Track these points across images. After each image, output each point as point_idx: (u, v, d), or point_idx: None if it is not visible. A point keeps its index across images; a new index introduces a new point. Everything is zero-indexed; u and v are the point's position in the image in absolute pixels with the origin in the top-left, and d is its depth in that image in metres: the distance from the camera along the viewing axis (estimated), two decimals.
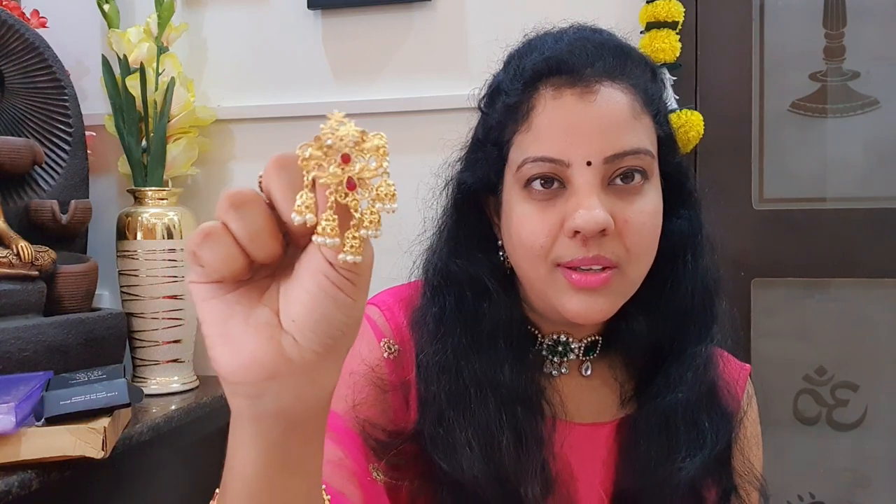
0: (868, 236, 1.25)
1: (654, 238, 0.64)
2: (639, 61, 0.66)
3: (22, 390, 0.89)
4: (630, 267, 0.63)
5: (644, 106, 0.63)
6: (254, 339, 0.38)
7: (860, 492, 1.30)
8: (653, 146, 0.64)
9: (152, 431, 1.10)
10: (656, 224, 0.64)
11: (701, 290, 0.69)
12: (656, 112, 0.65)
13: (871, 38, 1.28)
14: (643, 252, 0.63)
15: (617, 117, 0.62)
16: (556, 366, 0.72)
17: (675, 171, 0.67)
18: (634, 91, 0.63)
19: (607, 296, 0.63)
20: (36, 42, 1.27)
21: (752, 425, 0.77)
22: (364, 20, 1.39)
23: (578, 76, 0.63)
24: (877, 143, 1.28)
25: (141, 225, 1.30)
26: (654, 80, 0.67)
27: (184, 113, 1.37)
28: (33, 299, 1.13)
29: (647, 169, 0.63)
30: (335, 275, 0.36)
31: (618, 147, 0.61)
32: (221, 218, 0.37)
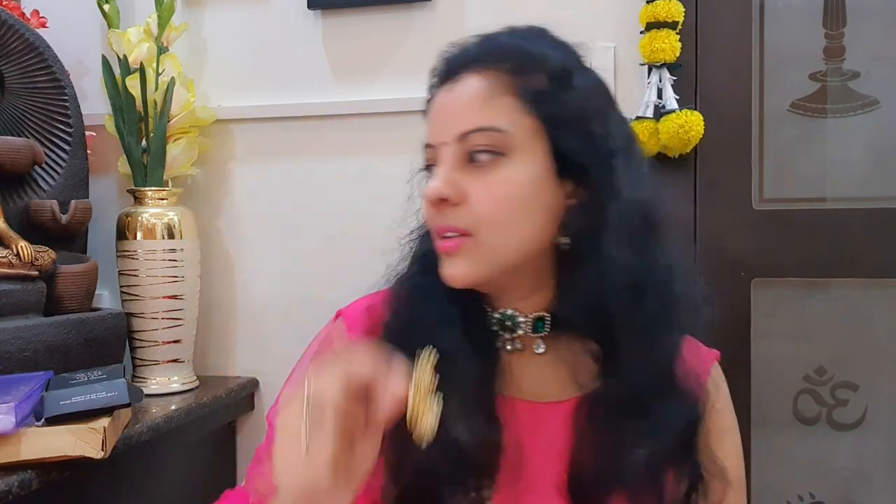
0: (868, 236, 1.25)
1: (508, 209, 0.68)
2: (523, 55, 0.71)
3: (22, 390, 0.89)
4: (483, 235, 0.68)
5: (508, 88, 0.68)
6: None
7: (860, 492, 1.30)
8: (510, 125, 0.68)
9: (152, 431, 1.10)
10: (509, 197, 0.67)
11: (652, 273, 0.69)
12: (533, 96, 0.68)
13: (871, 38, 1.28)
14: (494, 222, 0.68)
15: (470, 100, 0.69)
16: (507, 341, 0.75)
17: (573, 150, 0.69)
18: (497, 76, 0.69)
19: (464, 260, 0.69)
20: (36, 42, 1.27)
21: (719, 415, 0.76)
22: (364, 20, 1.39)
23: (451, 72, 0.72)
24: (877, 143, 1.28)
25: (141, 225, 1.30)
26: (538, 69, 0.70)
27: (184, 113, 1.37)
28: (33, 299, 1.13)
29: (497, 146, 0.68)
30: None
31: (468, 125, 0.68)
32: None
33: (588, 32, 1.29)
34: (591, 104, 0.71)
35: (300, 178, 1.42)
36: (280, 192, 1.44)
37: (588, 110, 0.70)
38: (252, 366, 1.45)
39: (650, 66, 1.24)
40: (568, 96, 0.69)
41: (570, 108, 0.69)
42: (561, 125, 0.69)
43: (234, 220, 1.47)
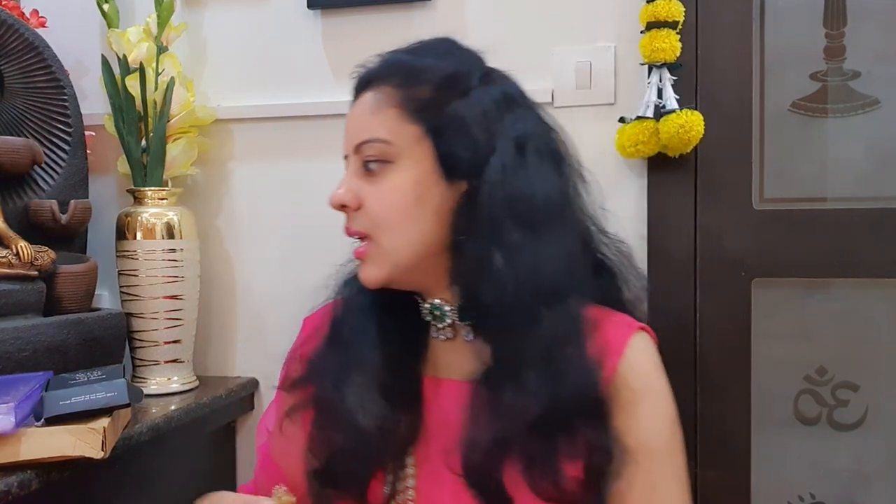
0: (868, 236, 1.25)
1: (396, 212, 0.74)
2: (409, 69, 0.76)
3: (22, 390, 0.89)
4: (381, 237, 0.75)
5: (393, 101, 0.75)
6: None
7: (860, 492, 1.30)
8: (393, 135, 0.74)
9: (152, 431, 1.10)
10: (396, 201, 0.74)
11: (527, 260, 0.72)
12: (416, 105, 0.74)
13: (871, 38, 1.27)
14: (387, 224, 0.75)
15: (362, 114, 0.77)
16: (440, 330, 0.81)
17: (454, 153, 0.74)
18: (385, 90, 0.76)
19: (370, 263, 0.77)
20: (36, 42, 1.27)
21: (633, 384, 0.76)
22: (364, 20, 1.39)
23: (356, 90, 0.80)
24: (877, 143, 1.28)
25: (141, 225, 1.30)
26: (422, 81, 0.75)
27: (183, 113, 1.37)
28: (33, 299, 1.13)
29: (381, 155, 0.75)
30: None
31: (359, 138, 0.76)
32: None
33: (588, 32, 1.31)
34: (477, 110, 0.75)
35: (300, 178, 1.42)
36: (280, 192, 1.44)
37: (471, 116, 0.74)
38: (252, 366, 1.45)
39: (650, 65, 1.24)
40: (450, 104, 0.75)
41: (451, 114, 0.74)
42: (442, 131, 0.74)
43: (234, 220, 1.47)
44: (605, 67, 1.30)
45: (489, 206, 0.73)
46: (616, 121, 1.28)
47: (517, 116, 0.77)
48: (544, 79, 1.32)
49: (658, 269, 1.30)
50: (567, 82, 1.31)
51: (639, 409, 0.75)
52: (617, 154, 1.28)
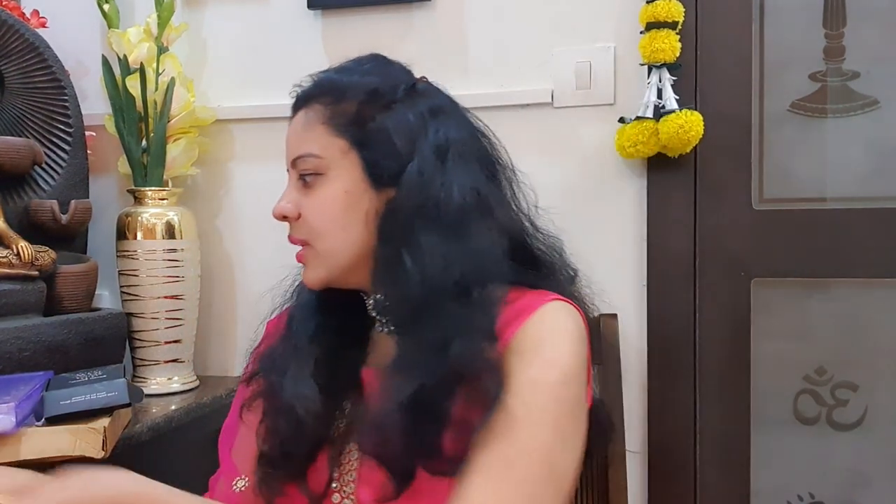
0: (868, 236, 1.25)
1: (329, 221, 0.81)
2: (334, 88, 0.83)
3: (22, 390, 0.89)
4: (317, 244, 0.82)
5: (325, 120, 0.81)
6: None
7: (860, 492, 1.30)
8: (322, 150, 0.81)
9: (152, 431, 1.10)
10: (328, 210, 0.81)
11: (452, 253, 0.76)
12: (342, 120, 0.81)
13: (871, 38, 1.28)
14: (322, 231, 0.81)
15: (295, 132, 0.85)
16: (384, 324, 0.85)
17: (377, 162, 0.80)
18: (315, 108, 0.83)
19: (310, 266, 0.84)
20: (36, 42, 1.27)
21: (516, 352, 0.76)
22: (364, 20, 1.39)
23: (293, 109, 0.87)
24: (877, 143, 1.28)
25: (141, 225, 1.30)
26: (348, 97, 0.81)
27: (184, 113, 1.37)
28: (33, 299, 1.13)
29: (314, 169, 0.82)
30: None
31: (294, 154, 0.84)
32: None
33: (588, 32, 1.31)
34: (399, 121, 0.80)
35: None
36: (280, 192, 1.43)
37: (393, 127, 0.80)
38: None
39: (650, 66, 1.24)
40: (374, 117, 0.80)
41: (375, 127, 0.80)
42: (367, 143, 0.80)
43: (234, 220, 1.47)
44: (604, 68, 1.30)
45: (403, 211, 0.78)
46: (616, 121, 1.28)
47: (440, 125, 0.81)
48: (544, 79, 1.33)
49: (658, 269, 1.30)
50: (567, 82, 1.31)
51: (527, 358, 0.75)
52: (616, 154, 1.28)
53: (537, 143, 1.33)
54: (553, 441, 0.73)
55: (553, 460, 0.73)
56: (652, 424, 1.30)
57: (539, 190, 1.31)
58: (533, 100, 1.33)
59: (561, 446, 0.74)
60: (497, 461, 0.71)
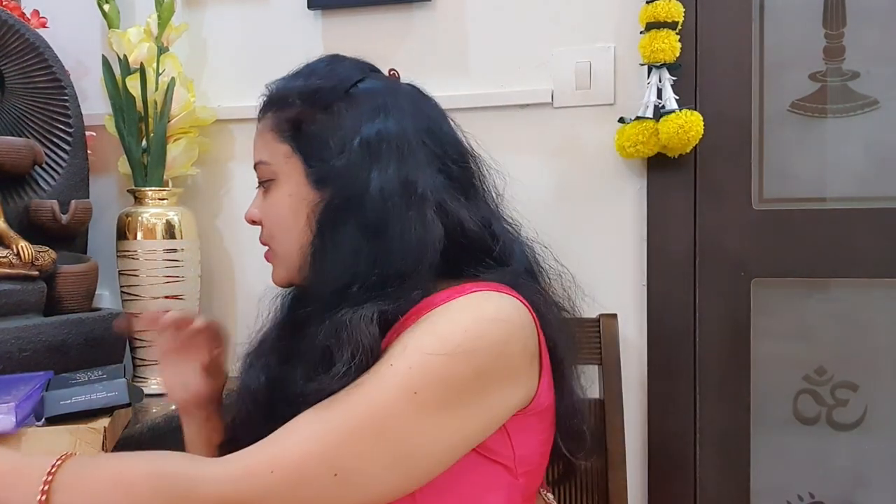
0: (867, 236, 1.25)
1: (278, 224, 0.84)
2: (280, 95, 0.85)
3: (22, 390, 0.89)
4: (274, 245, 0.86)
5: (272, 127, 0.84)
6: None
7: (860, 492, 1.30)
8: (270, 157, 0.84)
9: (152, 431, 1.10)
10: (276, 213, 0.84)
11: (365, 247, 0.76)
12: (285, 126, 0.83)
13: (871, 38, 1.28)
14: (274, 234, 0.86)
15: (254, 141, 0.87)
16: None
17: (312, 164, 0.82)
18: (267, 117, 0.86)
19: (274, 267, 0.88)
20: (36, 42, 1.27)
21: (418, 321, 0.73)
22: (364, 20, 1.39)
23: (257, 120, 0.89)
24: (877, 143, 1.28)
25: (141, 225, 1.30)
26: (291, 103, 0.84)
27: (184, 113, 1.37)
28: (33, 299, 1.13)
29: (266, 175, 0.85)
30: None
31: (254, 162, 0.87)
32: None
33: (588, 32, 1.31)
34: (335, 121, 0.81)
35: None
36: None
37: (329, 128, 0.81)
38: None
39: (650, 66, 1.24)
40: (314, 120, 0.82)
41: (312, 129, 0.82)
42: (305, 147, 0.82)
43: (234, 220, 1.47)
44: (604, 68, 1.30)
45: (331, 207, 0.80)
46: (616, 121, 1.28)
47: (379, 120, 0.81)
48: (544, 79, 1.33)
49: (658, 269, 1.30)
50: (567, 82, 1.31)
51: (418, 324, 0.72)
52: (616, 154, 1.28)
53: (537, 143, 1.33)
54: (403, 407, 0.67)
55: (394, 425, 0.67)
56: (652, 424, 1.30)
57: (539, 190, 1.32)
58: (533, 100, 1.33)
59: (414, 417, 0.67)
60: (333, 402, 0.68)
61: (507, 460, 0.75)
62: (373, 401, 0.68)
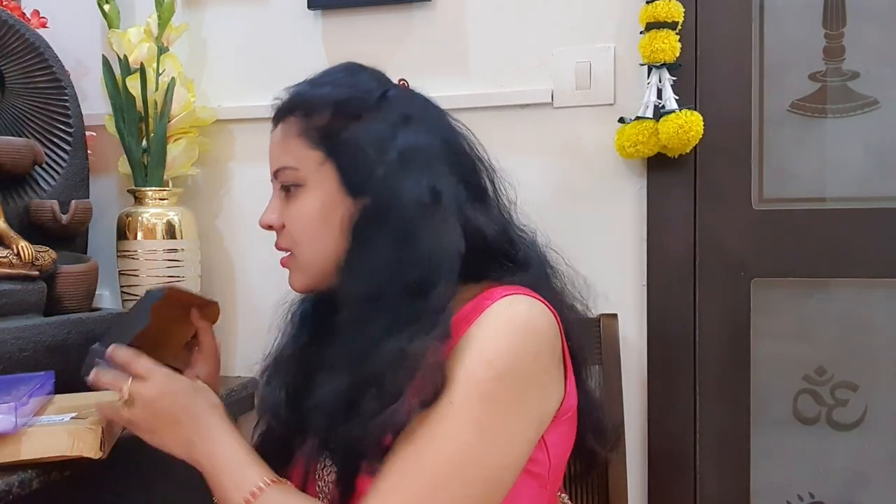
0: (868, 236, 1.25)
1: (308, 231, 0.84)
2: (306, 101, 0.85)
3: (22, 390, 0.89)
4: (298, 251, 0.86)
5: (299, 132, 0.83)
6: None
7: (860, 492, 1.30)
8: (299, 162, 0.83)
9: None
10: (308, 220, 0.83)
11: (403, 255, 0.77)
12: (316, 133, 0.83)
13: (871, 38, 1.28)
14: (302, 240, 0.85)
15: (274, 145, 0.87)
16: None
17: (349, 172, 0.82)
18: (291, 121, 0.85)
19: (293, 273, 0.88)
20: (36, 42, 1.27)
21: (474, 328, 0.75)
22: (364, 20, 1.39)
23: (273, 121, 0.88)
24: (877, 143, 1.28)
25: (141, 225, 1.30)
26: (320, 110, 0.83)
27: (184, 113, 1.37)
28: (33, 299, 1.13)
29: (293, 181, 0.84)
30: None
31: (274, 166, 0.86)
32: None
33: (588, 32, 1.31)
34: (370, 130, 0.82)
35: None
36: None
37: (364, 136, 0.81)
38: (252, 366, 1.45)
39: (650, 66, 1.24)
40: (346, 128, 0.82)
41: (347, 137, 0.82)
42: (340, 153, 0.82)
43: (234, 220, 1.47)
44: (604, 68, 1.30)
45: (369, 217, 0.80)
46: (616, 121, 1.28)
47: (408, 131, 0.82)
48: (544, 79, 1.33)
49: (658, 270, 1.30)
50: (567, 83, 1.31)
51: (455, 367, 0.74)
52: (616, 154, 1.28)
53: (537, 143, 1.33)
54: (472, 440, 0.71)
55: (471, 459, 0.71)
56: (652, 424, 1.30)
57: (539, 190, 1.32)
58: (533, 100, 1.33)
59: (484, 445, 0.72)
60: (409, 459, 0.71)
61: (543, 469, 0.78)
62: (448, 446, 0.72)
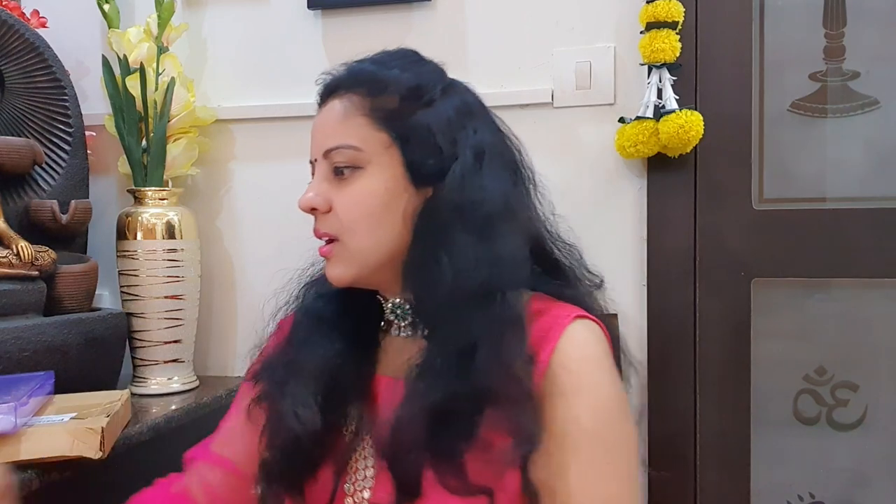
0: (868, 236, 1.25)
1: (365, 216, 0.77)
2: (375, 80, 0.79)
3: (22, 390, 0.89)
4: (347, 238, 0.78)
5: (363, 111, 0.78)
6: None
7: (860, 492, 1.30)
8: (363, 142, 0.77)
9: (152, 431, 1.10)
10: (367, 205, 0.77)
11: (484, 256, 0.75)
12: (384, 114, 0.78)
13: (871, 38, 1.28)
14: (355, 227, 0.78)
15: (330, 121, 0.80)
16: (401, 328, 0.84)
17: (419, 160, 0.77)
18: (353, 98, 0.79)
19: (336, 262, 0.80)
20: (36, 42, 1.27)
21: (557, 381, 0.75)
22: (364, 20, 1.39)
23: (322, 97, 0.83)
24: (877, 143, 1.28)
25: (141, 225, 1.30)
26: (389, 90, 0.78)
27: (184, 113, 1.37)
28: (33, 299, 1.13)
29: (351, 161, 0.78)
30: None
31: (329, 144, 0.79)
32: None
33: (588, 32, 1.31)
34: (441, 119, 0.78)
35: (300, 178, 1.41)
36: (280, 192, 1.44)
37: (436, 125, 0.78)
38: None
39: (650, 66, 1.24)
40: (416, 113, 0.78)
41: (417, 123, 0.78)
42: (409, 139, 0.78)
43: (234, 220, 1.47)
44: (604, 68, 1.30)
45: (443, 211, 0.77)
46: (616, 121, 1.28)
47: (476, 126, 0.81)
48: (544, 79, 1.33)
49: (658, 269, 1.30)
50: (567, 82, 1.31)
51: (570, 400, 0.74)
52: (617, 154, 1.28)
53: (537, 143, 1.32)
54: (616, 490, 0.74)
55: (628, 482, 0.74)
56: (652, 424, 1.30)
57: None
58: (533, 100, 1.33)
59: (629, 492, 0.75)
60: (578, 482, 0.72)
61: None
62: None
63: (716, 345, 1.30)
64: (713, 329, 1.30)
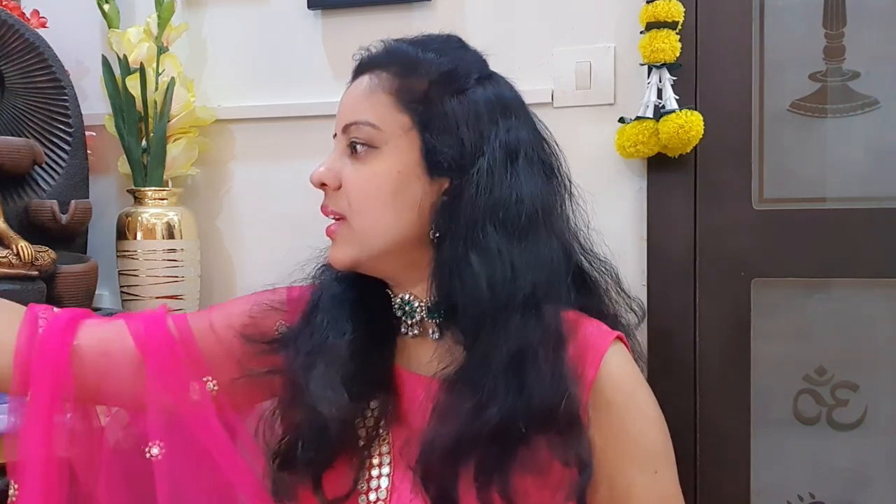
0: (868, 236, 1.25)
1: (373, 198, 0.75)
2: (408, 60, 0.77)
3: None
4: (353, 219, 0.76)
5: (389, 89, 0.75)
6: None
7: (860, 492, 1.30)
8: (382, 121, 0.75)
9: None
10: (376, 186, 0.74)
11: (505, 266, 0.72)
12: (410, 96, 0.75)
13: (871, 38, 1.27)
14: (362, 208, 0.75)
15: (355, 96, 0.78)
16: (409, 326, 0.81)
17: (439, 150, 0.74)
18: (383, 75, 0.76)
19: (340, 244, 0.77)
20: (36, 42, 1.27)
21: (607, 400, 0.75)
22: (364, 20, 1.39)
23: (355, 72, 0.81)
24: (877, 143, 1.28)
25: (141, 225, 1.30)
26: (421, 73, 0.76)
27: (184, 113, 1.37)
28: (33, 299, 1.13)
29: (367, 139, 0.75)
30: None
31: (349, 119, 0.77)
32: None
33: (588, 32, 1.31)
34: (469, 110, 0.75)
35: (300, 178, 1.41)
36: (280, 192, 1.44)
37: (462, 116, 0.75)
38: None
39: (650, 66, 1.24)
40: (444, 100, 0.75)
41: (443, 110, 0.75)
42: (431, 125, 0.75)
43: (234, 220, 1.47)
44: (604, 68, 1.30)
45: (473, 208, 0.73)
46: (616, 121, 1.28)
47: (512, 123, 0.78)
48: (544, 79, 1.33)
49: (658, 269, 1.30)
50: (567, 82, 1.31)
51: (626, 419, 0.75)
52: (616, 154, 1.28)
53: None
54: (676, 491, 0.79)
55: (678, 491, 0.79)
56: None
57: None
58: (533, 100, 1.30)
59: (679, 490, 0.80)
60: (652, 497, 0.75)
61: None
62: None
63: (716, 345, 1.30)
64: (713, 329, 1.30)
